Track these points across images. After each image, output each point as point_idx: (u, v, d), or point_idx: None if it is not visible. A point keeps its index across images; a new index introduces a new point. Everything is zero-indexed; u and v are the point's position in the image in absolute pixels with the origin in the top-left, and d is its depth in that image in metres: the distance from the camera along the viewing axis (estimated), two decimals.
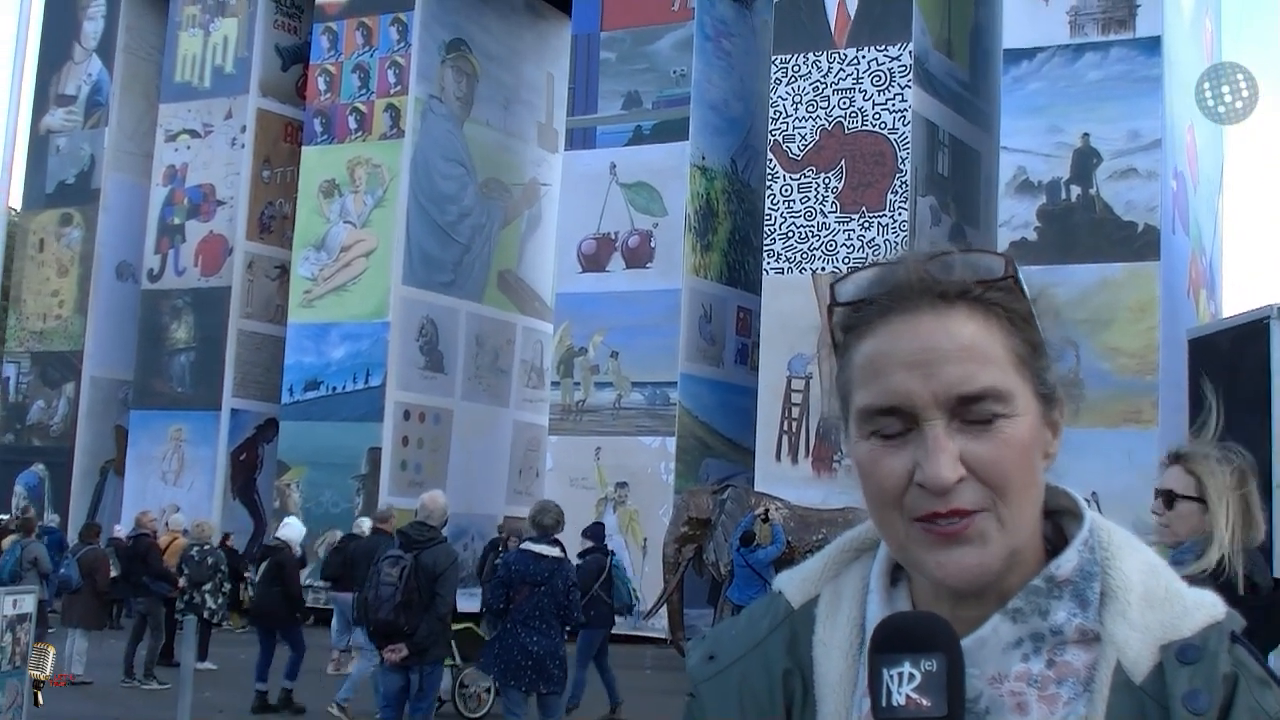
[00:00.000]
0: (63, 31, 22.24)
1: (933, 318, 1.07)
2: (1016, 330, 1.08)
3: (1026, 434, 1.06)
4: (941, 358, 1.06)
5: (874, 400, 1.07)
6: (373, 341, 18.16)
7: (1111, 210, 14.36)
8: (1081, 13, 14.79)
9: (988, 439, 1.05)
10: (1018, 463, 1.07)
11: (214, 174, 20.13)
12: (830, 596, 1.19)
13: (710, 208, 16.67)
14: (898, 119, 15.17)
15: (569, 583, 7.33)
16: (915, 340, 1.07)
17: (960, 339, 1.07)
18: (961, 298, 1.08)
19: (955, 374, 1.05)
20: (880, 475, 1.07)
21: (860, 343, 1.10)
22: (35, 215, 22.42)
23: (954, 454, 1.05)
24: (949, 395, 1.05)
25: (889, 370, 1.07)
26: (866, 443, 1.08)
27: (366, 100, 18.75)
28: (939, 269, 1.08)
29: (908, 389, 1.06)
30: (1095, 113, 14.57)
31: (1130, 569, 1.12)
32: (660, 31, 16.71)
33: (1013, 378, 1.07)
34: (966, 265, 1.08)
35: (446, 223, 18.98)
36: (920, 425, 1.06)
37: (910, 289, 1.08)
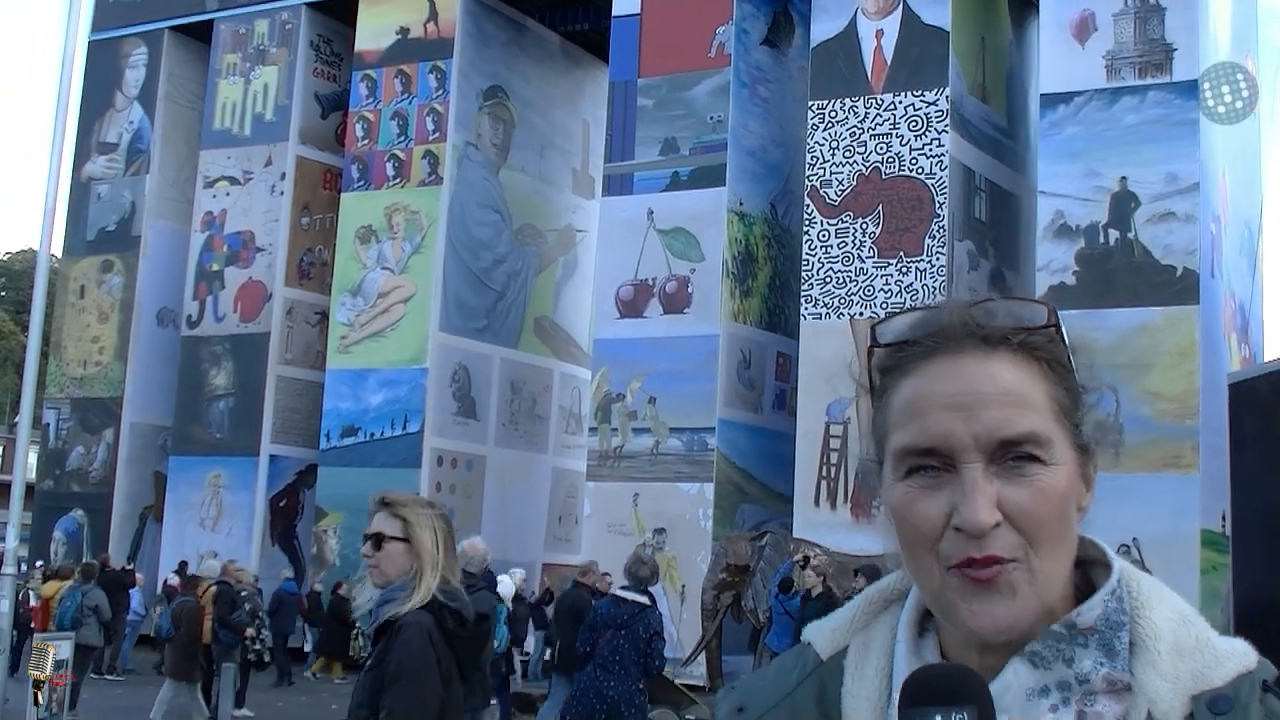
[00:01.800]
0: (105, 80, 22.68)
1: (975, 360, 1.08)
2: (1057, 379, 1.10)
3: (1064, 483, 1.07)
4: (983, 400, 1.07)
5: (913, 440, 1.08)
6: (410, 388, 18.42)
7: (1150, 254, 14.48)
8: (1118, 57, 14.97)
9: (1025, 485, 1.06)
10: (1054, 512, 1.07)
11: (253, 220, 20.49)
12: (859, 648, 1.19)
13: (749, 253, 16.88)
14: (935, 164, 15.37)
15: (651, 630, 7.48)
16: (958, 381, 1.08)
17: (1003, 383, 1.07)
18: (1004, 344, 1.09)
19: (996, 417, 1.06)
20: (916, 517, 1.08)
21: (900, 384, 1.10)
22: (76, 262, 22.76)
23: (992, 497, 1.05)
24: (989, 438, 1.06)
25: (929, 410, 1.07)
26: (902, 484, 1.09)
27: (405, 147, 19.09)
28: (982, 315, 1.09)
29: (948, 429, 1.06)
30: (1133, 156, 14.72)
31: (1160, 618, 1.12)
32: (697, 78, 16.97)
33: (1053, 426, 1.08)
34: (1009, 312, 1.09)
35: (481, 269, 19.26)
36: (958, 467, 1.06)
37: (954, 332, 1.09)
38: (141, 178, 22.11)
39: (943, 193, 15.22)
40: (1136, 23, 15.04)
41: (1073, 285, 14.57)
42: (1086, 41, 15.11)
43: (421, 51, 19.20)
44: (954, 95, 15.54)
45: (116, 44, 22.68)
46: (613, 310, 17.07)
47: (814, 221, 15.84)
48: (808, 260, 15.81)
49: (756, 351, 16.94)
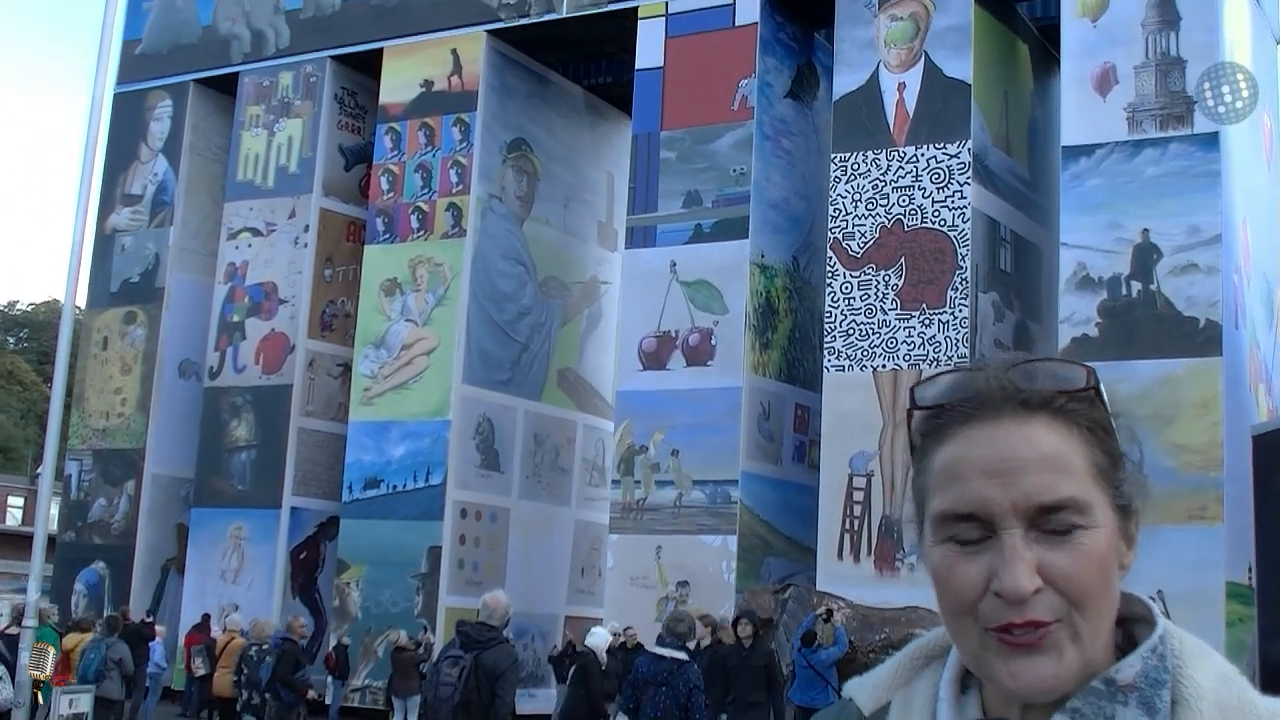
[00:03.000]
0: (130, 132, 23.11)
1: (1014, 426, 1.09)
2: (1096, 442, 1.10)
3: (1104, 546, 1.08)
4: (1022, 466, 1.08)
5: (951, 506, 1.10)
6: (433, 440, 18.65)
7: (1173, 306, 14.67)
8: (1139, 109, 15.22)
9: (1066, 550, 1.07)
10: (1095, 575, 1.08)
11: (276, 272, 20.80)
12: (901, 704, 1.20)
13: (770, 305, 17.12)
14: (957, 216, 15.62)
15: (690, 684, 7.73)
16: (995, 448, 1.09)
17: (1041, 448, 1.08)
18: (1043, 407, 1.10)
19: (1035, 483, 1.07)
20: (956, 583, 1.09)
21: (939, 448, 1.12)
22: (99, 313, 23.07)
23: (1031, 564, 1.06)
24: (1028, 504, 1.07)
25: (968, 476, 1.09)
26: (942, 548, 1.10)
27: (429, 200, 19.43)
28: (1021, 377, 1.10)
29: (986, 496, 1.08)
30: (1155, 208, 14.93)
31: (1202, 677, 1.12)
32: (720, 131, 17.28)
33: (1092, 489, 1.08)
34: (1049, 375, 1.10)
35: (505, 321, 19.53)
36: (998, 533, 1.07)
37: (991, 396, 1.10)
38: (165, 229, 22.44)
39: (965, 245, 15.46)
40: (1158, 75, 15.29)
41: (1095, 337, 14.76)
42: (1108, 94, 15.37)
43: (445, 104, 19.57)
44: (976, 147, 15.81)
45: (142, 96, 23.12)
46: (636, 362, 17.31)
47: (837, 274, 16.10)
48: (830, 312, 16.05)
49: (775, 404, 17.16)
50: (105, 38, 20.21)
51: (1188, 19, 15.23)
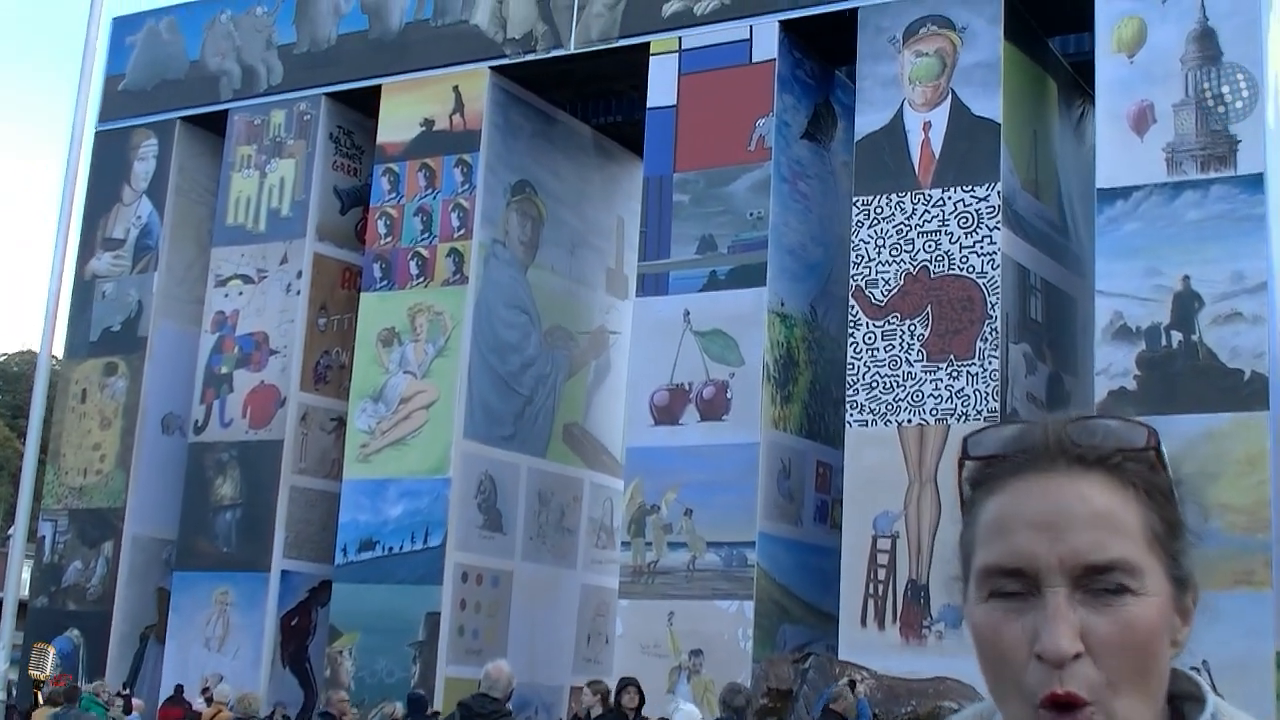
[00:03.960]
0: (112, 172, 23.44)
1: (1066, 480, 1.11)
2: (1154, 506, 1.11)
3: (1155, 616, 1.07)
4: (1071, 522, 1.09)
5: (996, 559, 1.11)
6: (432, 499, 18.91)
7: (1216, 357, 14.92)
8: (1178, 149, 15.53)
9: (1112, 615, 1.07)
10: (1142, 646, 1.08)
11: (267, 321, 21.09)
12: None
13: (790, 357, 17.42)
14: (986, 262, 15.94)
15: None
16: (1045, 501, 1.10)
17: (1093, 505, 1.09)
18: (1099, 464, 1.11)
19: (1084, 540, 1.08)
20: (1000, 643, 1.10)
21: (988, 499, 1.14)
22: (78, 364, 23.23)
23: (1074, 625, 1.07)
24: (1076, 562, 1.07)
25: (1014, 529, 1.10)
26: (985, 605, 1.11)
27: (429, 245, 19.78)
28: (1079, 433, 1.12)
29: (1032, 550, 1.09)
30: (1196, 254, 15.21)
31: None
32: (735, 173, 17.65)
33: (1145, 554, 1.09)
34: (1108, 432, 1.12)
35: (508, 373, 19.81)
36: (1042, 591, 1.08)
37: (1046, 449, 1.12)
38: (149, 275, 22.68)
39: (995, 292, 15.77)
40: (1198, 114, 15.60)
41: (1134, 390, 15.02)
42: (1145, 134, 15.69)
43: (447, 144, 19.96)
44: (1006, 190, 16.15)
45: (125, 135, 23.51)
46: (647, 417, 17.59)
47: (859, 323, 16.42)
48: (853, 364, 16.35)
49: (796, 461, 17.42)
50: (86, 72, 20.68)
51: (1230, 54, 15.55)
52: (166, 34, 23.65)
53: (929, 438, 15.78)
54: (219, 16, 23.03)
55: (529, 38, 19.82)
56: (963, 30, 16.76)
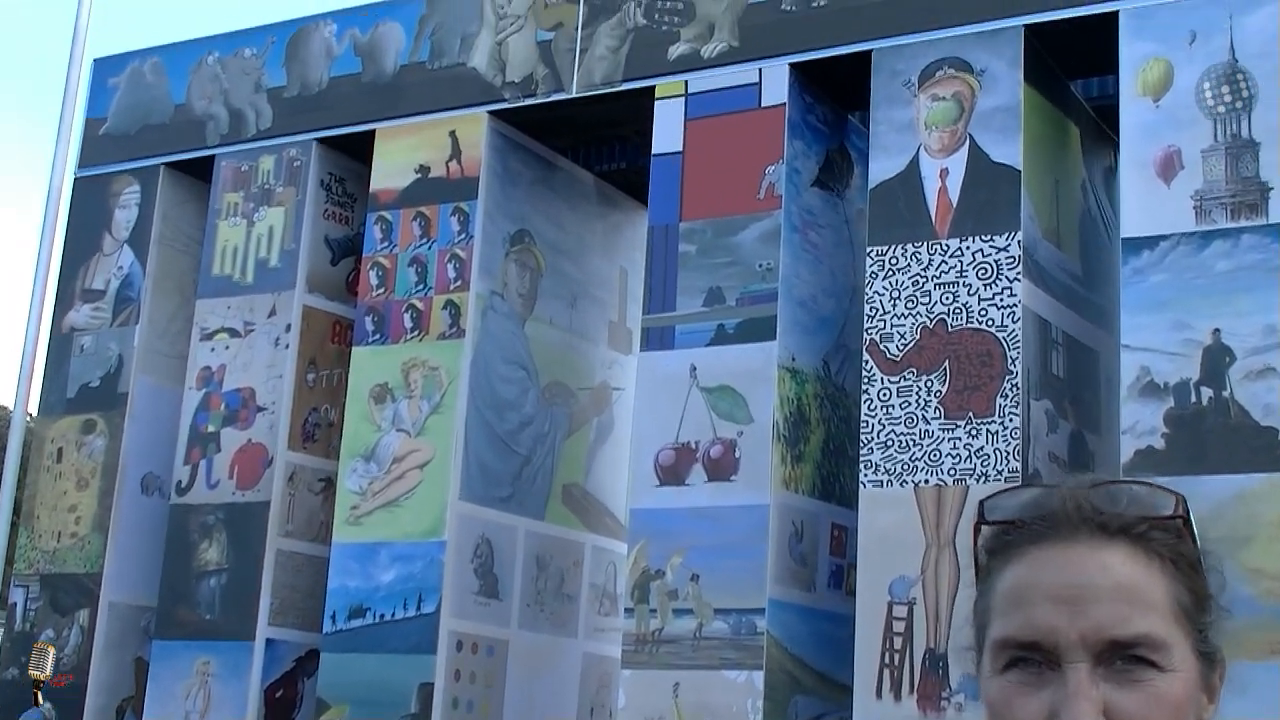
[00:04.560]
0: (92, 221, 23.64)
1: (1088, 550, 1.13)
2: (1181, 577, 1.13)
3: (1180, 693, 1.09)
4: (1093, 595, 1.11)
5: (1014, 633, 1.13)
6: (426, 563, 19.01)
7: (1248, 414, 15.05)
8: (1207, 197, 15.71)
9: (1136, 692, 1.09)
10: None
11: (254, 377, 21.25)
12: None
13: (801, 414, 17.56)
14: (1006, 315, 16.11)
15: None
16: (1066, 572, 1.12)
17: (1117, 576, 1.11)
18: (1123, 533, 1.13)
19: (1107, 615, 1.10)
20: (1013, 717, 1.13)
21: (1005, 568, 1.16)
22: (54, 422, 23.30)
23: (1098, 703, 1.08)
24: (1098, 637, 1.10)
25: (1034, 601, 1.12)
26: (1000, 679, 1.13)
27: (424, 296, 19.97)
28: (1102, 499, 1.14)
29: (1052, 625, 1.11)
30: (1226, 306, 15.35)
31: None
32: (744, 222, 17.85)
33: (1172, 628, 1.11)
34: (1133, 499, 1.14)
35: (506, 431, 19.95)
36: (1062, 667, 1.11)
37: (1067, 517, 1.14)
38: (130, 328, 22.80)
39: (1015, 347, 15.94)
40: (1228, 159, 15.79)
41: (1162, 449, 15.14)
42: (1172, 181, 15.87)
43: (443, 192, 20.19)
44: (1027, 240, 16.34)
45: (106, 181, 23.73)
46: (651, 477, 17.71)
47: (873, 379, 16.57)
48: (867, 422, 16.49)
49: (809, 523, 17.53)
50: (66, 116, 21.04)
51: (1261, 97, 15.76)
52: (151, 76, 23.91)
53: (947, 499, 15.90)
54: (205, 58, 23.32)
55: (529, 81, 20.10)
56: (981, 73, 17.00)
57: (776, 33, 18.46)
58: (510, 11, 20.55)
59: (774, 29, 18.50)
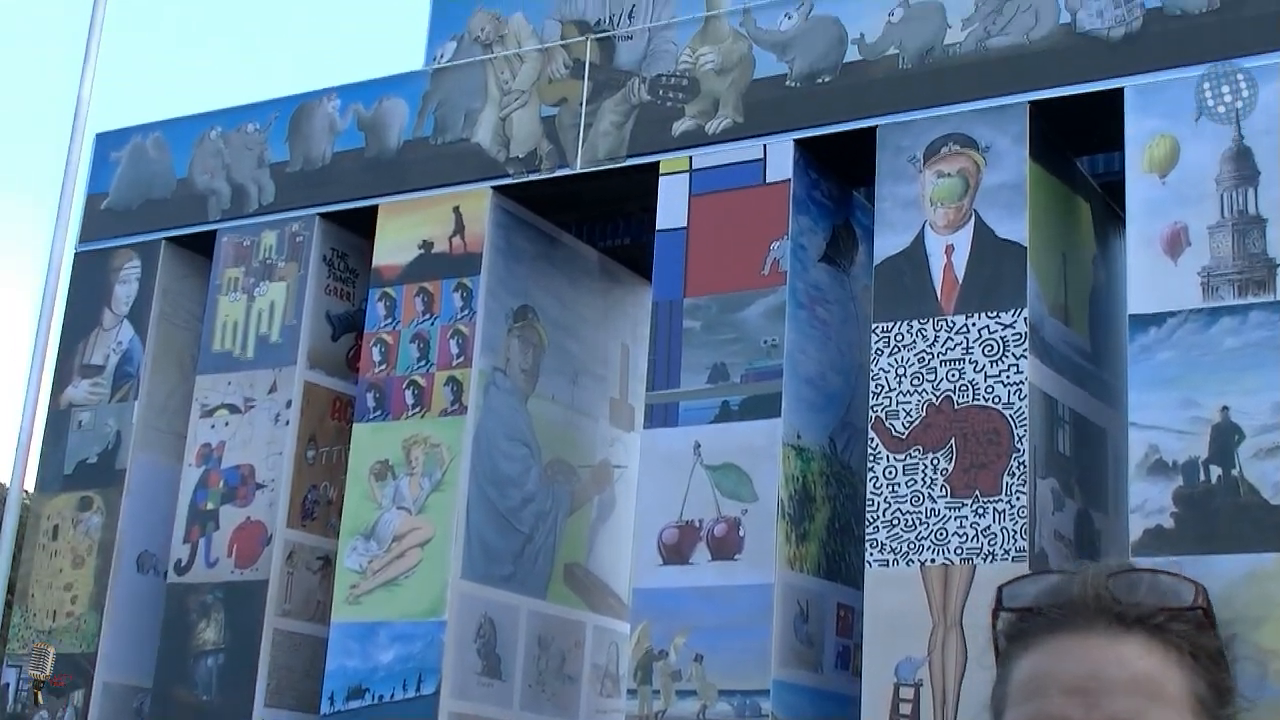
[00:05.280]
0: (92, 296, 23.82)
1: (1105, 641, 1.12)
2: (1201, 670, 1.13)
3: None
4: (1108, 687, 1.09)
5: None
6: (426, 643, 19.01)
7: (1258, 493, 15.11)
8: (1215, 273, 15.85)
9: None
10: None
11: (254, 453, 21.34)
12: None
13: (806, 492, 17.63)
14: (1013, 392, 16.22)
15: None
16: (1082, 664, 1.10)
17: (1132, 669, 1.10)
18: (1141, 624, 1.13)
19: (1121, 708, 1.08)
20: None
21: (1023, 656, 1.15)
22: (50, 499, 23.38)
23: None
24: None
25: (1048, 692, 1.11)
26: None
27: (426, 373, 20.10)
28: (1121, 588, 1.14)
29: (1066, 716, 1.09)
30: (1235, 384, 15.46)
31: None
32: (749, 298, 18.00)
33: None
34: (1152, 588, 1.14)
35: (508, 509, 20.01)
36: None
37: (1085, 606, 1.14)
38: (129, 404, 22.92)
39: (1022, 425, 16.03)
40: (1235, 236, 15.95)
41: (1171, 528, 15.20)
42: (1179, 257, 16.03)
43: (446, 267, 20.38)
44: (1033, 317, 16.47)
45: (107, 256, 23.96)
46: (654, 556, 17.75)
47: (879, 457, 16.66)
48: (872, 500, 16.56)
49: (815, 603, 17.55)
50: (67, 190, 21.22)
51: (1267, 173, 15.94)
52: (153, 151, 24.17)
53: (954, 578, 15.94)
54: (208, 133, 23.60)
55: (533, 156, 20.32)
56: (986, 150, 17.20)
57: (781, 109, 18.71)
58: (515, 87, 20.82)
59: (779, 105, 18.75)
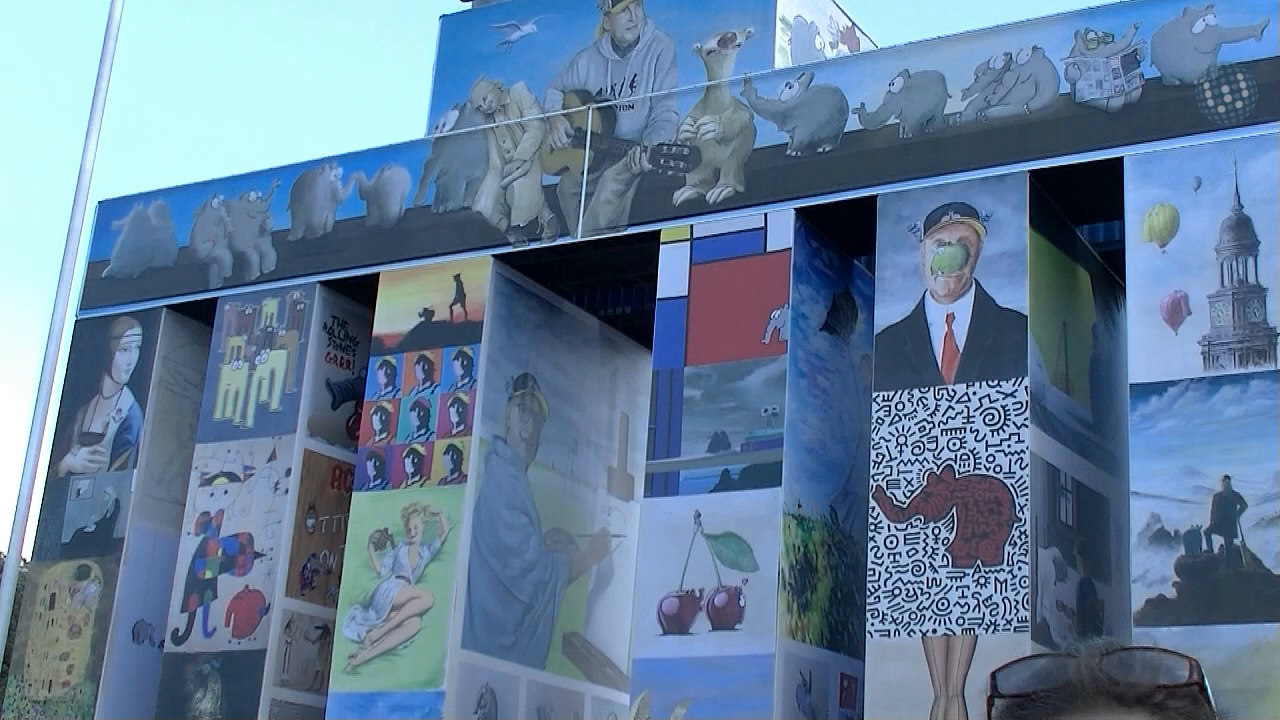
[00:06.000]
0: (92, 363, 24.01)
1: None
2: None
3: None
4: None
5: None
6: (425, 713, 19.04)
7: (1260, 563, 15.19)
8: (1215, 343, 16.00)
9: None
10: None
11: (252, 522, 21.43)
12: None
13: (807, 561, 17.71)
14: (1014, 461, 16.33)
15: None
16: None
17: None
18: (1140, 703, 1.11)
19: None
20: None
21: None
22: (48, 567, 23.43)
23: None
24: None
25: None
26: None
27: (426, 441, 20.23)
28: (1116, 668, 1.12)
29: None
30: (1236, 453, 15.57)
31: None
32: (750, 367, 18.15)
33: None
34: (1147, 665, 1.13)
35: (508, 578, 20.08)
36: None
37: (1082, 688, 1.12)
38: (128, 472, 23.03)
39: (1024, 494, 16.13)
40: (1235, 305, 16.11)
41: (1173, 598, 15.27)
42: (1180, 326, 16.19)
43: (446, 336, 20.56)
44: (1034, 385, 16.61)
45: (108, 323, 24.16)
46: (654, 626, 17.81)
47: (880, 526, 16.75)
48: (874, 570, 16.64)
49: (818, 673, 17.59)
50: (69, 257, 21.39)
51: (1266, 242, 16.11)
52: (155, 219, 24.41)
53: (956, 649, 15.99)
54: (211, 201, 23.85)
55: (534, 225, 20.53)
56: (986, 218, 17.40)
57: (782, 178, 18.93)
58: (516, 155, 21.07)
59: (779, 174, 18.97)
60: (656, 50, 20.70)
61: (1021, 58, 17.86)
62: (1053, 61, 17.68)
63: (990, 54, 18.09)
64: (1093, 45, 17.55)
